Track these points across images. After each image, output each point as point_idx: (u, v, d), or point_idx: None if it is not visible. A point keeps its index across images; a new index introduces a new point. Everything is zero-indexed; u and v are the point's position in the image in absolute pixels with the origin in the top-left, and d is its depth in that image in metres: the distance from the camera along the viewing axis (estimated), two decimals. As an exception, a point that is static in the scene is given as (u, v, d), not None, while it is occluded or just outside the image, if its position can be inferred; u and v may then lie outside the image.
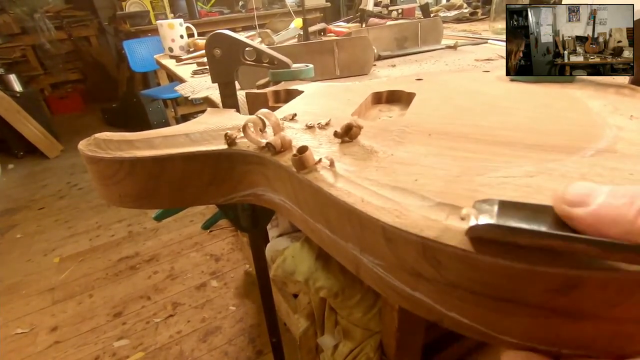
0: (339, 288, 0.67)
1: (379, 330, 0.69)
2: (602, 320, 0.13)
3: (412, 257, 0.17)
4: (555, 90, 0.34)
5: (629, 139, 0.22)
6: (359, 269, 0.21)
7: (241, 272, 1.35)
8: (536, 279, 0.13)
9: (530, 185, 0.18)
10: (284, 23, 1.20)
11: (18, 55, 3.34)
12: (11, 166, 2.58)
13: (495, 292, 0.15)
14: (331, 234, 0.22)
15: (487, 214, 0.14)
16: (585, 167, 0.19)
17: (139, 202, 0.30)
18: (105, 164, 0.28)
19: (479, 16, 1.28)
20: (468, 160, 0.22)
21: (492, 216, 0.14)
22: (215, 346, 1.07)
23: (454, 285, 0.16)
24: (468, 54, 0.73)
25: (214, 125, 0.32)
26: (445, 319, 0.17)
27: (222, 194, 0.30)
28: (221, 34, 0.39)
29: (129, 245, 1.57)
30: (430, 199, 0.18)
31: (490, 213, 0.14)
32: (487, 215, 0.14)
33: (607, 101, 0.29)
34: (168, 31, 1.19)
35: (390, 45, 0.80)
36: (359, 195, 0.19)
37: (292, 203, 0.25)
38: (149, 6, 2.48)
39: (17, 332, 1.19)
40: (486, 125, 0.27)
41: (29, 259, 1.56)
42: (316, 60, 0.61)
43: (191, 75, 0.85)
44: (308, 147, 0.23)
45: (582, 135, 0.23)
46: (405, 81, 0.43)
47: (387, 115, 0.36)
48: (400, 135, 0.26)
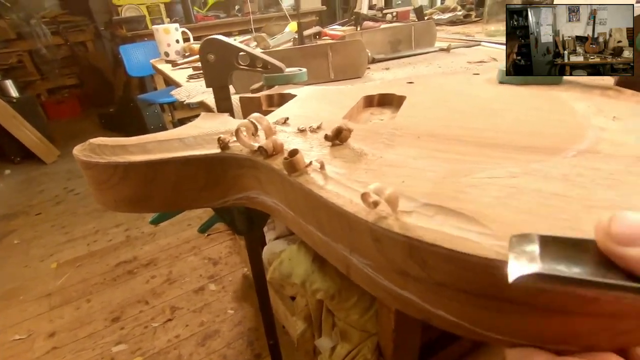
0: (336, 290, 0.68)
1: (376, 332, 0.69)
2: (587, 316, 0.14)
3: (399, 257, 0.17)
4: (542, 93, 0.34)
5: (611, 140, 0.23)
6: (350, 269, 0.21)
7: (239, 275, 1.35)
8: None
9: (514, 185, 0.19)
10: (280, 27, 1.21)
11: (14, 60, 3.33)
12: (8, 172, 2.57)
13: (481, 290, 0.15)
14: (323, 235, 0.23)
15: (527, 257, 0.13)
16: (566, 168, 0.20)
17: (134, 206, 0.30)
18: (99, 169, 0.29)
19: (472, 18, 1.29)
20: (456, 162, 0.22)
21: (534, 259, 0.12)
22: (213, 350, 1.07)
23: (440, 284, 0.17)
24: (461, 57, 0.74)
25: (207, 130, 0.32)
26: (433, 317, 0.18)
27: (216, 198, 0.30)
28: (214, 40, 0.40)
29: (126, 250, 1.57)
30: (417, 200, 0.19)
31: (531, 255, 0.13)
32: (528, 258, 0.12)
33: (591, 103, 0.30)
34: (164, 36, 1.20)
35: (384, 48, 0.81)
36: (348, 197, 0.20)
37: (285, 205, 0.26)
38: (145, 11, 2.49)
39: (15, 338, 1.18)
40: (475, 128, 0.28)
41: (26, 264, 1.55)
42: (310, 64, 0.61)
43: (187, 79, 0.86)
44: (299, 150, 0.24)
45: (566, 137, 0.24)
46: (397, 84, 0.44)
47: (378, 119, 0.37)
48: (390, 138, 0.27)
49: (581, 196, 0.17)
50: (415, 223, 0.17)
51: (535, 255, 0.12)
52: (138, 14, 2.47)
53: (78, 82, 3.80)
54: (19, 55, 3.37)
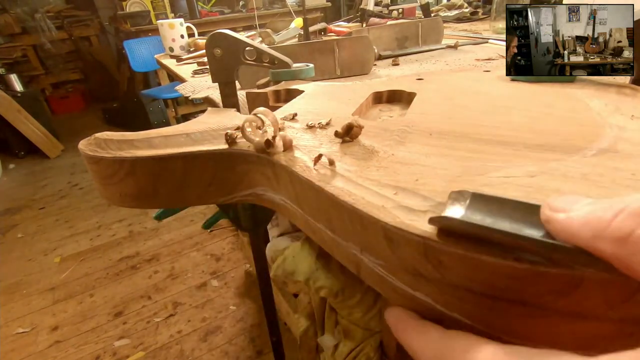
0: (339, 288, 0.67)
1: (379, 330, 0.69)
2: (603, 320, 0.13)
3: (413, 257, 0.17)
4: (556, 90, 0.34)
5: (630, 139, 0.22)
6: (360, 269, 0.21)
7: (241, 271, 1.35)
8: (538, 280, 0.13)
9: (531, 185, 0.18)
10: (285, 23, 1.20)
11: (19, 55, 3.34)
12: (12, 166, 2.59)
13: (496, 293, 0.15)
14: (332, 234, 0.22)
15: (457, 205, 0.15)
16: (586, 167, 0.19)
17: (139, 202, 0.30)
18: (105, 163, 0.28)
19: (479, 16, 1.28)
20: (469, 160, 0.22)
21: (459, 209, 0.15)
22: (215, 346, 1.08)
23: (455, 285, 0.16)
24: (469, 54, 0.73)
25: (214, 125, 0.32)
26: (447, 319, 0.17)
27: (223, 194, 0.30)
28: (221, 34, 0.39)
29: (129, 245, 1.58)
30: (431, 199, 0.18)
31: (461, 205, 0.15)
32: (457, 206, 0.15)
33: (608, 101, 0.29)
34: (168, 31, 1.19)
35: (391, 44, 0.80)
36: (360, 195, 0.19)
37: (293, 203, 0.25)
38: (150, 6, 2.48)
39: (18, 332, 1.19)
40: (487, 125, 0.27)
41: (29, 258, 1.56)
42: (317, 60, 0.61)
43: (191, 75, 0.85)
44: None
45: (583, 135, 0.23)
46: (406, 81, 0.43)
47: (387, 115, 0.36)
48: (401, 135, 0.26)
49: (602, 196, 0.17)
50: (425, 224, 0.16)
51: (463, 206, 0.15)
52: (142, 9, 2.46)
53: (82, 77, 3.81)
54: (24, 50, 3.38)
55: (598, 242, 0.11)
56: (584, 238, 0.11)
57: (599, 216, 0.11)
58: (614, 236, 0.11)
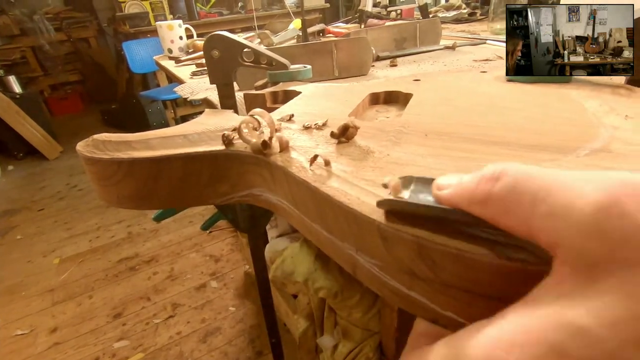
0: (338, 288, 0.67)
1: (378, 331, 0.69)
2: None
3: (407, 257, 0.17)
4: (552, 91, 0.34)
5: (624, 139, 0.22)
6: (356, 268, 0.21)
7: (241, 272, 1.35)
8: (528, 278, 0.13)
9: (525, 185, 0.18)
10: (284, 24, 1.21)
11: (18, 56, 3.34)
12: (11, 167, 2.58)
13: (490, 291, 0.15)
14: (328, 234, 0.22)
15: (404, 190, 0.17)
16: (580, 167, 0.19)
17: (137, 203, 0.30)
18: (103, 165, 0.28)
19: (477, 17, 1.28)
20: (464, 160, 0.22)
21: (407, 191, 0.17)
22: (215, 347, 1.07)
23: (449, 284, 0.16)
24: (466, 55, 0.73)
25: (211, 126, 0.32)
26: (441, 318, 0.17)
27: (220, 195, 0.30)
28: (219, 35, 0.39)
29: (128, 246, 1.58)
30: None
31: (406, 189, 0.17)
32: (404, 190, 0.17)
33: (603, 101, 0.29)
34: (167, 32, 1.19)
35: (389, 45, 0.80)
36: (355, 195, 0.20)
37: (289, 203, 0.26)
38: (148, 7, 2.48)
39: (17, 334, 1.19)
40: (483, 126, 0.27)
41: (28, 260, 1.56)
42: (315, 61, 0.61)
43: (190, 76, 0.85)
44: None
45: (578, 135, 0.23)
46: (403, 82, 0.43)
47: (384, 116, 0.36)
48: (397, 135, 0.26)
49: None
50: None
51: (408, 189, 0.17)
52: (141, 10, 2.46)
53: (81, 79, 3.81)
54: (22, 51, 3.38)
55: (472, 207, 0.14)
56: (464, 206, 0.14)
57: (467, 187, 0.14)
58: (479, 200, 0.13)
